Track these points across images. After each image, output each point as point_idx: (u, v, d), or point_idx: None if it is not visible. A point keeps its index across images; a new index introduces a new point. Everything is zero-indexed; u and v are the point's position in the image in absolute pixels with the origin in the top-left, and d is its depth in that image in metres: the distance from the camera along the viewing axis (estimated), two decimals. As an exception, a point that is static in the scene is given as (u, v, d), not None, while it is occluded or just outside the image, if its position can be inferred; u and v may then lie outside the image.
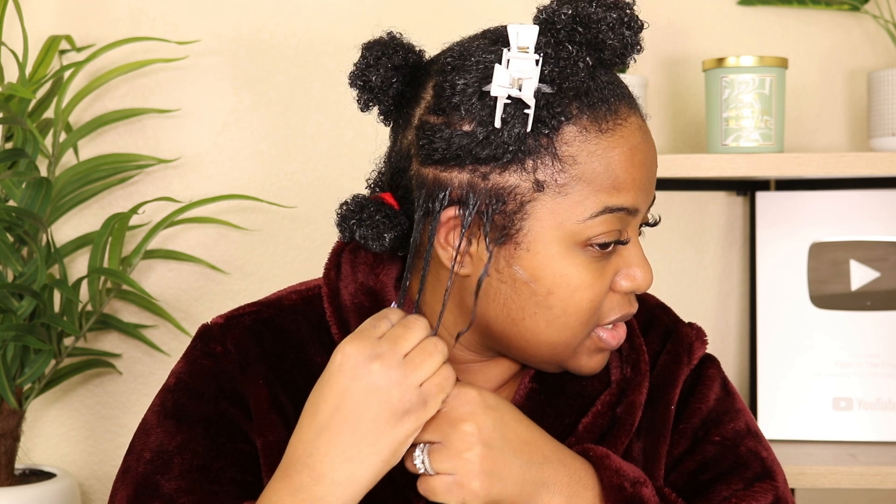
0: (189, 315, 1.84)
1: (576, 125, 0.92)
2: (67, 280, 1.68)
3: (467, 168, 0.93)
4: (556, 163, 0.92)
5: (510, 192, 0.93)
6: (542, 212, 0.93)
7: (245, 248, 1.85)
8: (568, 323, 0.95)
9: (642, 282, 0.97)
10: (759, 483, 1.04)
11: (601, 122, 0.93)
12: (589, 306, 0.95)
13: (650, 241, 1.91)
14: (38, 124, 1.70)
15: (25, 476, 1.72)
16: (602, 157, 0.93)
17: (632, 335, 1.06)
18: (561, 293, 0.94)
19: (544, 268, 0.94)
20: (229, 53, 1.84)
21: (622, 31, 0.94)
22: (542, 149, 0.92)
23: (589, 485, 0.97)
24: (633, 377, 1.04)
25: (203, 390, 1.00)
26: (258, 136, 1.85)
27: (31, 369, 1.65)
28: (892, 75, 1.68)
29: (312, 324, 1.03)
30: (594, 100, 0.93)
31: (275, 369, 1.01)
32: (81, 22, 1.82)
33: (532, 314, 0.95)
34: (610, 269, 0.96)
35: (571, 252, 0.94)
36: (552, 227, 0.93)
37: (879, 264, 1.77)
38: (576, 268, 0.94)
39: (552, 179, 0.92)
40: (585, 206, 0.93)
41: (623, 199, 0.94)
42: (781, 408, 1.76)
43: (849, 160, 1.60)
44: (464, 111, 0.92)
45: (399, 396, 0.90)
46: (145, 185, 1.84)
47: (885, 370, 1.76)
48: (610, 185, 0.93)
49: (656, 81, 1.89)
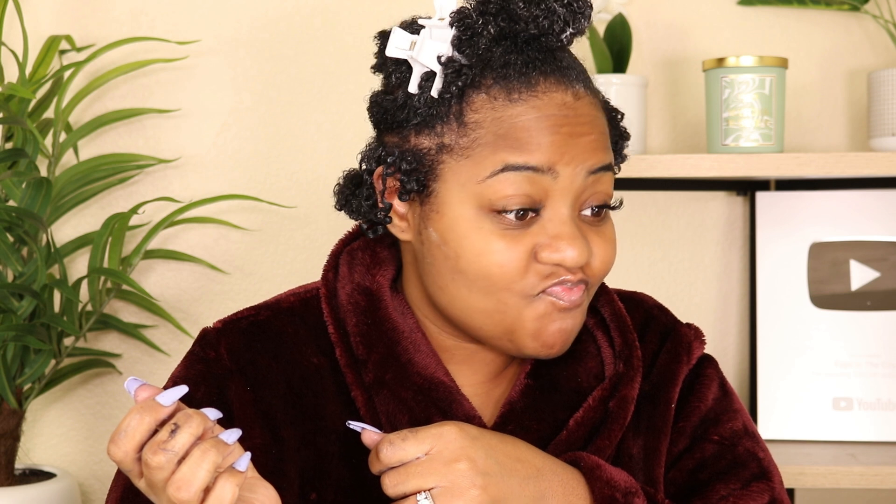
0: (189, 315, 1.84)
1: (486, 94, 0.95)
2: (67, 280, 1.68)
3: (395, 132, 0.99)
4: (461, 128, 0.95)
5: (423, 154, 0.96)
6: (448, 174, 0.95)
7: (245, 248, 1.85)
8: (486, 288, 0.95)
9: (568, 256, 0.94)
10: (757, 483, 1.05)
11: (513, 92, 0.94)
12: (499, 272, 0.94)
13: (650, 240, 1.91)
14: (38, 124, 1.70)
15: (25, 476, 1.72)
16: (506, 122, 0.94)
17: (625, 331, 1.06)
18: (467, 256, 0.95)
19: (450, 230, 0.96)
20: (229, 53, 1.84)
21: (535, 4, 0.94)
22: (451, 114, 0.95)
23: (581, 494, 0.97)
24: (626, 372, 1.04)
25: (192, 394, 1.01)
26: (258, 136, 1.85)
27: (31, 369, 1.65)
28: (892, 75, 1.68)
29: (309, 325, 1.04)
30: (510, 71, 0.94)
31: (267, 371, 1.02)
32: (81, 22, 1.82)
33: (452, 280, 0.96)
34: (528, 239, 0.95)
35: (479, 217, 0.95)
36: (457, 188, 0.95)
37: (879, 264, 1.77)
38: (480, 233, 0.94)
39: (456, 143, 0.95)
40: (485, 165, 0.94)
41: (526, 158, 0.93)
42: (781, 408, 1.76)
43: (849, 160, 1.60)
44: (394, 79, 0.99)
45: None
46: (145, 185, 1.84)
47: (885, 370, 1.76)
48: (512, 145, 0.94)
49: (656, 81, 1.89)
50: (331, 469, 1.00)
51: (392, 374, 1.00)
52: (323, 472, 1.00)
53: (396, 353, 1.01)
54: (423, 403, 1.00)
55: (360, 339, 1.02)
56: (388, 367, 1.01)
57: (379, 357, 1.01)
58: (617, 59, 1.75)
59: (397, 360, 1.01)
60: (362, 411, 1.00)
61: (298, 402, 1.01)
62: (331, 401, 1.02)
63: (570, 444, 1.02)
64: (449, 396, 1.01)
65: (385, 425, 1.00)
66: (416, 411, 1.00)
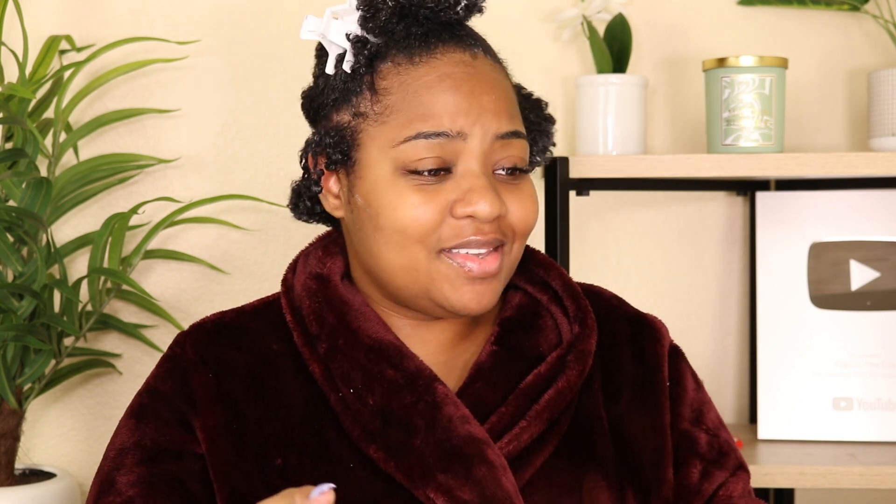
0: (189, 315, 1.84)
1: (391, 62, 1.05)
2: (67, 280, 1.68)
3: (322, 117, 1.10)
4: (374, 95, 1.05)
5: (343, 128, 1.06)
6: (366, 140, 1.05)
7: (245, 248, 1.85)
8: (401, 242, 1.03)
9: (480, 207, 1.02)
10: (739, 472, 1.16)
11: (414, 56, 1.04)
12: (414, 225, 1.02)
13: (650, 240, 1.91)
14: (38, 124, 1.70)
15: (25, 476, 1.72)
16: (412, 85, 1.03)
17: (577, 297, 1.13)
18: (387, 213, 1.03)
19: (371, 192, 1.04)
20: (229, 53, 1.84)
21: None
22: (363, 86, 1.05)
23: None
24: (581, 331, 1.11)
25: (161, 389, 1.09)
26: (258, 136, 1.85)
27: (31, 369, 1.65)
28: (892, 75, 1.68)
29: (270, 320, 1.13)
30: (412, 41, 1.04)
31: (229, 360, 1.10)
32: (81, 22, 1.82)
33: (374, 240, 1.05)
34: (443, 194, 1.03)
35: (395, 176, 1.03)
36: (375, 152, 1.04)
37: (879, 264, 1.77)
38: (397, 189, 1.03)
39: (371, 110, 1.05)
40: (400, 132, 1.03)
41: (436, 124, 1.02)
42: (781, 408, 1.76)
43: (849, 160, 1.60)
44: (316, 70, 1.11)
45: None
46: (145, 185, 1.84)
47: (885, 370, 1.76)
48: (422, 112, 1.02)
49: (656, 81, 1.89)
50: (294, 438, 1.06)
51: (344, 340, 1.07)
52: (287, 441, 1.06)
53: (347, 322, 1.08)
54: (375, 360, 1.06)
55: (313, 318, 1.09)
56: (339, 335, 1.08)
57: (330, 328, 1.08)
58: (617, 59, 1.75)
59: (347, 327, 1.08)
60: (320, 381, 1.07)
61: (260, 384, 1.08)
62: (291, 379, 1.09)
63: (530, 392, 1.07)
64: (399, 353, 1.07)
65: (342, 387, 1.06)
66: (368, 367, 1.06)
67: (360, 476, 1.04)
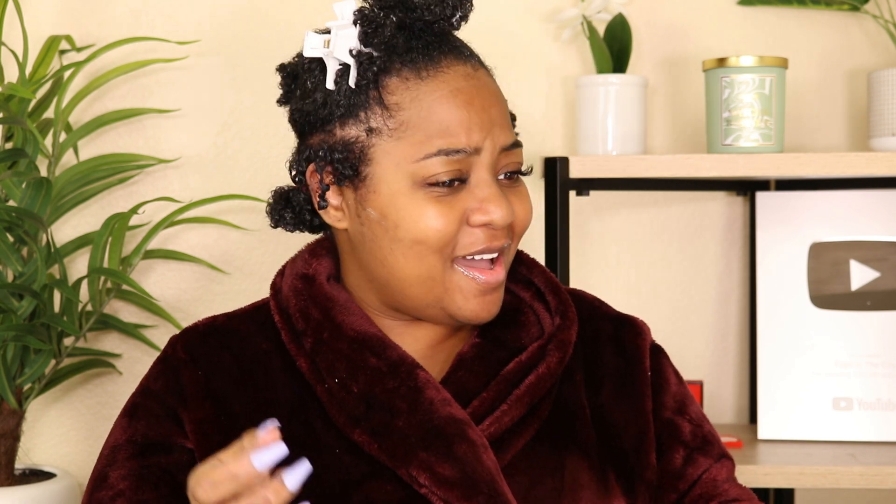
0: (189, 315, 1.84)
1: (397, 76, 1.06)
2: (67, 280, 1.68)
3: (319, 130, 1.09)
4: (384, 111, 1.06)
5: (352, 142, 1.07)
6: (381, 155, 1.06)
7: (245, 248, 1.85)
8: (421, 253, 1.06)
9: (496, 216, 1.06)
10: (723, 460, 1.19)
11: (420, 70, 1.06)
12: (436, 236, 1.05)
13: (650, 240, 1.91)
14: (38, 124, 1.70)
15: (25, 476, 1.72)
16: (424, 101, 1.05)
17: (558, 291, 1.17)
18: (406, 225, 1.05)
19: (389, 205, 1.06)
20: (229, 53, 1.84)
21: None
22: (371, 101, 1.06)
23: None
24: (563, 322, 1.14)
25: (153, 388, 1.14)
26: (258, 136, 1.85)
27: (31, 369, 1.65)
28: (892, 75, 1.68)
29: (259, 322, 1.16)
30: (414, 54, 1.06)
31: (218, 358, 1.13)
32: (81, 22, 1.82)
33: (390, 251, 1.07)
34: (459, 204, 1.06)
35: (412, 189, 1.05)
36: (391, 168, 1.06)
37: (879, 264, 1.77)
38: (416, 202, 1.05)
39: (384, 125, 1.06)
40: (419, 148, 1.05)
41: (454, 142, 1.05)
42: (781, 408, 1.76)
43: (849, 160, 1.60)
44: (310, 84, 1.10)
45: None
46: (145, 185, 1.84)
47: (885, 370, 1.76)
48: (439, 129, 1.05)
49: (656, 81, 1.89)
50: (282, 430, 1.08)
51: (328, 333, 1.10)
52: None
53: (331, 316, 1.11)
54: (358, 350, 1.09)
55: (299, 315, 1.12)
56: (323, 329, 1.10)
57: (315, 323, 1.11)
58: (617, 59, 1.75)
59: (332, 321, 1.11)
60: (307, 375, 1.10)
61: (249, 381, 1.12)
62: (279, 375, 1.12)
63: (511, 378, 1.10)
64: (381, 344, 1.10)
65: (327, 378, 1.09)
66: (352, 357, 1.09)
67: (345, 460, 1.07)
